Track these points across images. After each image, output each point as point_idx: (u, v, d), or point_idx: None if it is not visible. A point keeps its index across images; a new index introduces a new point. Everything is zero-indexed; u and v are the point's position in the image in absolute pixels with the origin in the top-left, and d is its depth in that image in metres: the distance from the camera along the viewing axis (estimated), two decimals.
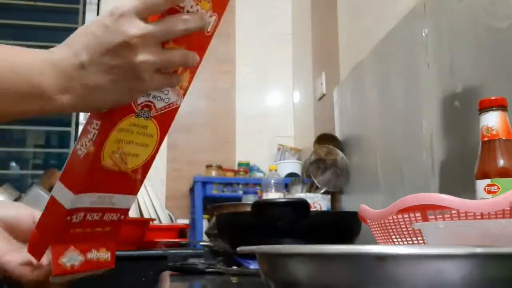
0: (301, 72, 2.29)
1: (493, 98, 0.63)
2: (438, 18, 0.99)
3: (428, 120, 1.01)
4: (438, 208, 0.54)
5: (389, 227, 0.60)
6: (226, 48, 2.42)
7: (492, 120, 0.62)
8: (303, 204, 0.88)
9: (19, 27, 2.37)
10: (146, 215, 1.75)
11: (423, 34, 1.04)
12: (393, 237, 0.60)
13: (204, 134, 2.36)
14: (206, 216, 1.89)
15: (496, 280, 0.28)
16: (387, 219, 0.60)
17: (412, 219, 0.57)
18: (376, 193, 1.27)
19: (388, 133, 1.23)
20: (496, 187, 0.59)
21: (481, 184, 0.61)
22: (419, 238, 0.57)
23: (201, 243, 1.57)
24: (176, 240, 1.64)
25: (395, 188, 1.16)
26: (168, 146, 2.28)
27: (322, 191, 1.55)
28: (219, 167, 2.15)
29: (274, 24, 2.49)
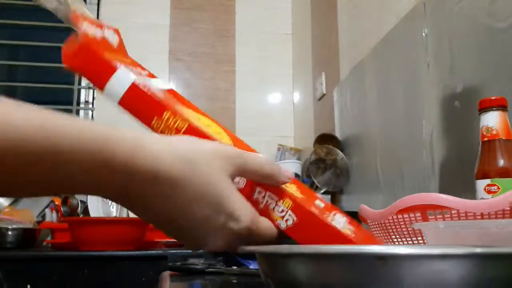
0: (301, 72, 2.29)
1: (493, 98, 0.63)
2: (438, 18, 0.99)
3: (428, 120, 1.01)
4: (438, 208, 0.54)
5: (389, 227, 0.60)
6: (226, 48, 2.42)
7: (492, 120, 0.62)
8: None
9: (19, 27, 2.37)
10: None
11: (423, 34, 1.04)
12: (393, 237, 0.60)
13: None
14: None
15: (496, 280, 0.28)
16: (387, 219, 0.60)
17: (412, 219, 0.57)
18: (376, 193, 1.27)
19: (388, 133, 1.23)
20: (496, 187, 0.59)
21: (481, 184, 0.61)
22: (419, 238, 0.57)
23: None
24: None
25: (395, 188, 1.16)
26: None
27: (322, 191, 1.55)
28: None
29: (274, 24, 2.49)
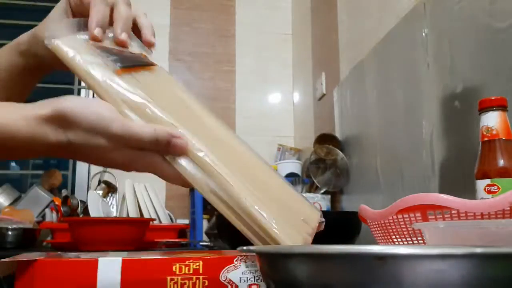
0: (301, 72, 2.29)
1: (493, 98, 0.63)
2: (438, 18, 0.99)
3: (428, 120, 1.01)
4: (438, 208, 0.54)
5: (389, 227, 0.60)
6: (226, 48, 2.42)
7: (492, 120, 0.62)
8: None
9: (19, 27, 2.37)
10: (146, 215, 1.75)
11: (423, 34, 1.04)
12: (393, 237, 0.60)
13: None
14: (206, 216, 1.89)
15: (496, 280, 0.28)
16: (387, 219, 0.60)
17: (412, 219, 0.57)
18: (376, 193, 1.27)
19: (388, 133, 1.23)
20: (496, 187, 0.59)
21: (481, 184, 0.61)
22: (419, 238, 0.57)
23: (201, 243, 1.57)
24: (176, 240, 1.64)
25: (395, 188, 1.16)
26: None
27: (322, 191, 1.55)
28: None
29: (274, 24, 2.49)
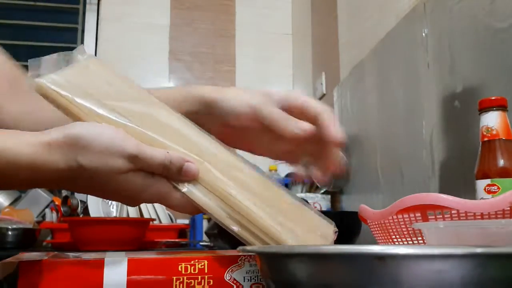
0: (301, 72, 2.29)
1: (493, 98, 0.63)
2: (438, 18, 0.99)
3: (428, 120, 1.01)
4: (438, 208, 0.54)
5: (389, 227, 0.60)
6: (226, 48, 2.42)
7: (492, 120, 0.62)
8: None
9: (19, 27, 2.37)
10: (146, 215, 1.75)
11: (423, 34, 1.04)
12: (393, 237, 0.60)
13: None
14: (206, 216, 1.88)
15: (496, 280, 0.28)
16: (387, 219, 0.60)
17: (412, 219, 0.57)
18: (376, 193, 1.27)
19: (388, 133, 1.23)
20: (496, 187, 0.59)
21: (481, 184, 0.61)
22: (419, 238, 0.57)
23: (201, 243, 1.57)
24: (176, 240, 1.64)
25: (395, 188, 1.16)
26: None
27: (322, 191, 1.55)
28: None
29: (274, 24, 2.49)
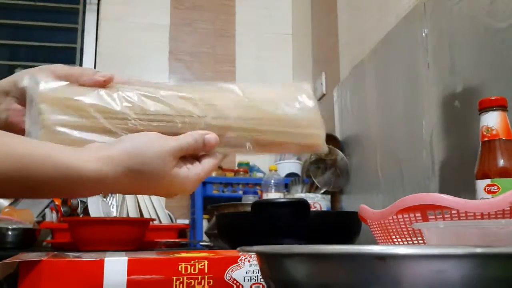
0: (301, 72, 2.29)
1: (493, 98, 0.63)
2: (438, 18, 0.99)
3: (428, 120, 1.01)
4: (438, 208, 0.54)
5: (389, 227, 0.60)
6: (226, 48, 2.42)
7: (492, 120, 0.62)
8: (303, 204, 0.88)
9: (19, 27, 2.37)
10: (146, 215, 1.75)
11: (423, 34, 1.04)
12: (393, 237, 0.60)
13: None
14: (206, 216, 1.89)
15: (496, 280, 0.28)
16: (387, 219, 0.60)
17: (412, 219, 0.57)
18: (376, 193, 1.27)
19: (388, 133, 1.23)
20: (496, 187, 0.59)
21: (481, 184, 0.61)
22: (419, 238, 0.57)
23: (201, 243, 1.57)
24: (176, 240, 1.64)
25: (395, 188, 1.16)
26: None
27: (322, 191, 1.55)
28: (219, 167, 2.14)
29: (274, 24, 2.49)
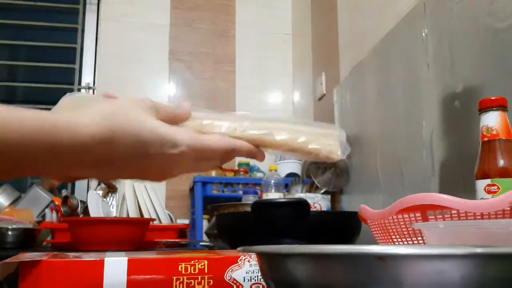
0: (301, 72, 2.29)
1: (493, 98, 0.63)
2: (438, 18, 0.99)
3: (428, 120, 1.01)
4: (438, 208, 0.54)
5: (389, 227, 0.60)
6: (226, 48, 2.42)
7: (492, 120, 0.62)
8: (303, 204, 0.88)
9: (19, 27, 2.37)
10: (146, 215, 1.75)
11: (423, 34, 1.04)
12: (393, 237, 0.60)
13: None
14: (206, 216, 1.89)
15: (496, 280, 0.28)
16: (387, 219, 0.60)
17: (412, 219, 0.57)
18: (376, 193, 1.27)
19: (388, 133, 1.23)
20: (496, 187, 0.59)
21: (481, 184, 0.61)
22: (419, 238, 0.57)
23: (201, 243, 1.57)
24: (176, 240, 1.64)
25: (395, 188, 1.16)
26: None
27: (322, 191, 1.55)
28: (219, 167, 2.14)
29: (274, 24, 2.49)
